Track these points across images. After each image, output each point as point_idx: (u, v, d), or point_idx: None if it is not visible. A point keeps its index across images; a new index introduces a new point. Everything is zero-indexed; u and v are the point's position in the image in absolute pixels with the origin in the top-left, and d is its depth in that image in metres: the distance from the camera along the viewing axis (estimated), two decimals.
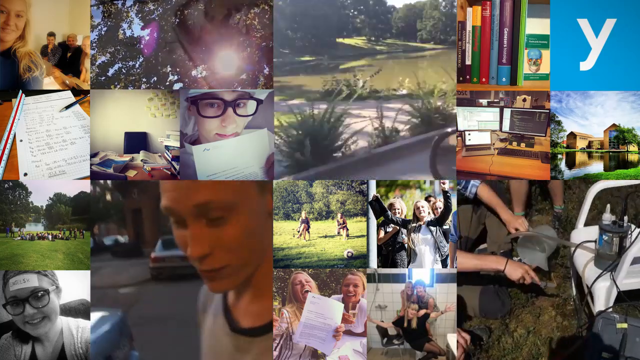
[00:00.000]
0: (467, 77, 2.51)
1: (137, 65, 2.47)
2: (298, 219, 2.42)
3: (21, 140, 2.34)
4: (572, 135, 2.44)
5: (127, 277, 3.54)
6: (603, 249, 2.39)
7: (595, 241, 2.45)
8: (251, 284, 1.28)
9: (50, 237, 2.44)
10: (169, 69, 2.46)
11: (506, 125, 2.58)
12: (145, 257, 3.62)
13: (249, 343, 1.27)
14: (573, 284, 2.79)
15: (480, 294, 2.80)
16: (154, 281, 3.53)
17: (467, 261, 2.54)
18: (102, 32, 2.45)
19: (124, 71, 2.45)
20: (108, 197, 3.58)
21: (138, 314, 3.16)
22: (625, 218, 2.36)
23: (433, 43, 2.68)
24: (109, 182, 3.13)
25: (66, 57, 2.46)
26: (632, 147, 2.42)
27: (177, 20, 2.48)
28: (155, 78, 2.45)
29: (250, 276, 1.25)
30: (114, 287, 3.42)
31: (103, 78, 2.41)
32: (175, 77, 2.45)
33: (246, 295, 1.30)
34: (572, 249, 2.58)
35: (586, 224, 2.72)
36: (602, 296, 2.36)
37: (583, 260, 2.50)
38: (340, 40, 2.73)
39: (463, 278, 2.52)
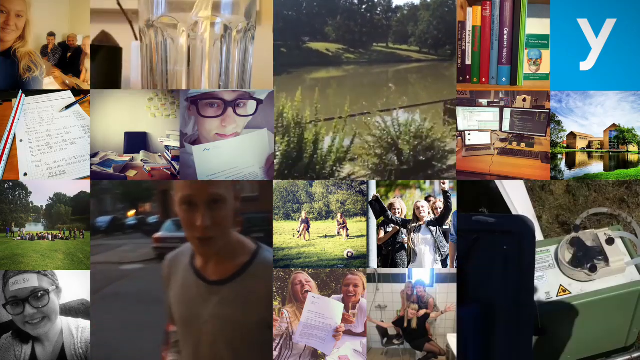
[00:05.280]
0: (467, 77, 2.51)
1: None
2: (298, 219, 2.42)
3: (21, 140, 2.34)
4: (572, 135, 2.44)
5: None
6: None
7: None
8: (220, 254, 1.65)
9: (50, 237, 2.44)
10: None
11: (506, 125, 2.58)
12: None
13: (217, 289, 1.64)
14: None
15: None
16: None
17: None
18: None
19: None
20: None
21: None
22: None
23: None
24: None
25: (66, 57, 2.46)
26: (632, 147, 2.42)
27: None
28: None
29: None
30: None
31: None
32: None
33: (212, 261, 1.66)
34: None
35: None
36: None
37: None
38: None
39: None
